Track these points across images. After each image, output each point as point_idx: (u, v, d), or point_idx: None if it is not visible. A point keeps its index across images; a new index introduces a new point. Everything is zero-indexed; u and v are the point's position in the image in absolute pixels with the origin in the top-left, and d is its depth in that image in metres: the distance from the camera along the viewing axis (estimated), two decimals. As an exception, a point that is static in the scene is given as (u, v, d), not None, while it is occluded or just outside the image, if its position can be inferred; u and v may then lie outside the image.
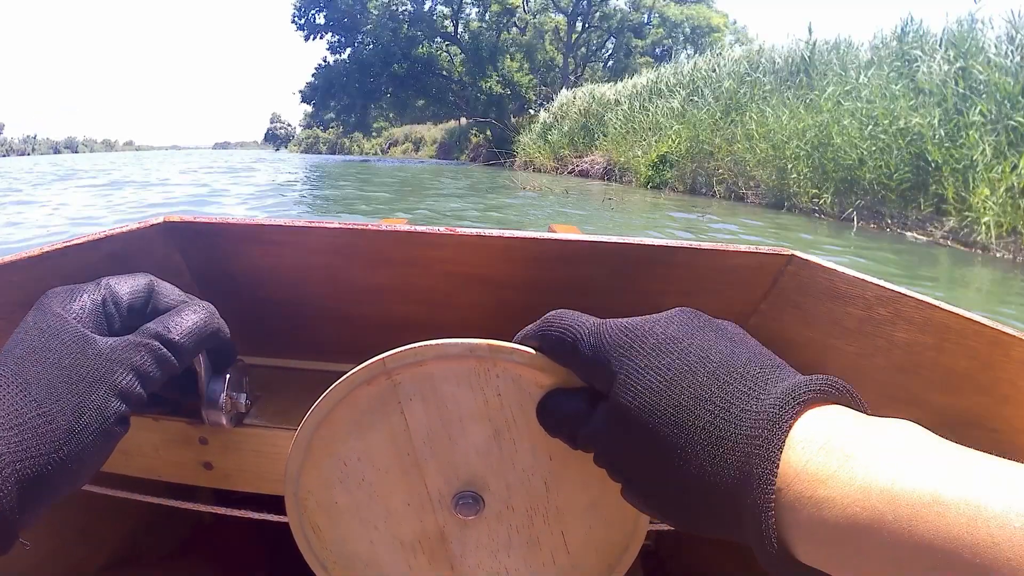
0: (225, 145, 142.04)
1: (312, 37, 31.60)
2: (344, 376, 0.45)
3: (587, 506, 0.48)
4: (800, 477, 0.31)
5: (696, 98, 13.11)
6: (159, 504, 0.64)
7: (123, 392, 0.42)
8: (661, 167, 12.66)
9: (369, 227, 0.55)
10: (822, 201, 8.52)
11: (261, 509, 0.63)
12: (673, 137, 12.63)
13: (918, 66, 8.13)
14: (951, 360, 0.46)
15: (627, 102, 16.16)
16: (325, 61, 32.37)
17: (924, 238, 7.05)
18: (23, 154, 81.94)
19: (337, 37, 31.76)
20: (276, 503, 0.53)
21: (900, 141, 7.49)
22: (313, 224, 0.56)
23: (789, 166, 9.19)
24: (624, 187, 13.14)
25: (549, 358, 0.44)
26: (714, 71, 13.38)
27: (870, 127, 7.97)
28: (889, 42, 9.49)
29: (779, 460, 0.32)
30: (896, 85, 8.11)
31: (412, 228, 0.55)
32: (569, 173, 17.21)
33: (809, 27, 11.37)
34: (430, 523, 0.48)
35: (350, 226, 0.55)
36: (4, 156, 72.75)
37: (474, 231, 0.55)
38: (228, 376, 0.56)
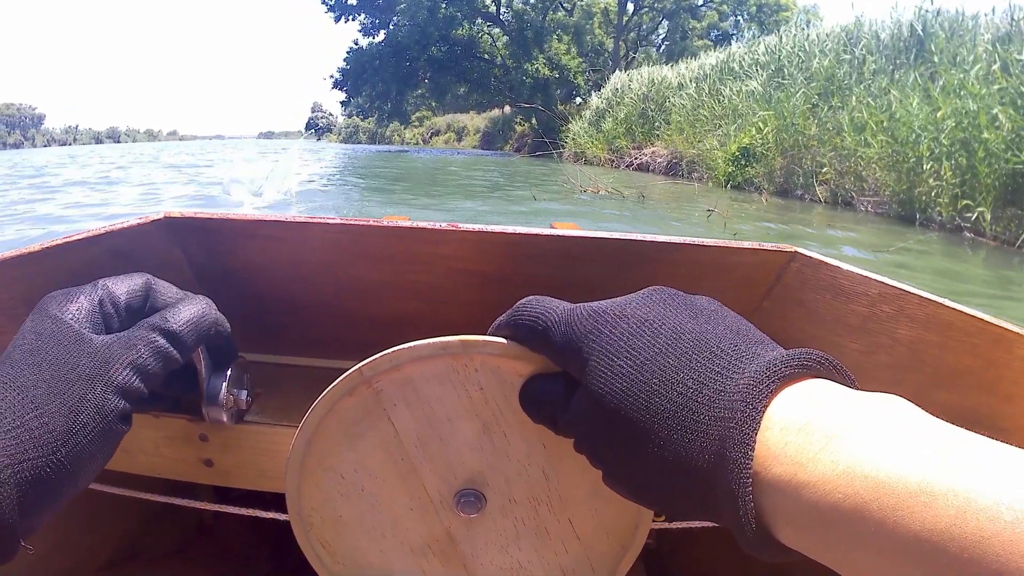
0: (269, 135, 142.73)
1: (343, 18, 29.79)
2: (325, 391, 0.45)
3: (590, 490, 0.47)
4: (779, 460, 0.30)
5: (781, 79, 11.06)
6: (160, 502, 0.64)
7: (122, 388, 0.42)
8: (743, 162, 10.52)
9: (371, 223, 0.55)
10: (975, 217, 6.43)
11: (262, 506, 0.62)
12: (759, 125, 10.47)
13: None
14: (954, 358, 0.47)
15: (693, 85, 14.09)
16: (356, 44, 30.39)
17: None
18: (64, 144, 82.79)
19: (369, 18, 29.82)
20: (277, 500, 0.54)
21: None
22: (314, 220, 0.55)
23: (926, 166, 7.10)
24: (695, 185, 10.93)
25: (523, 346, 0.43)
26: (803, 47, 11.31)
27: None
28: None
29: (754, 442, 0.31)
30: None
31: (414, 224, 0.54)
32: (627, 167, 15.06)
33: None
34: (436, 525, 0.48)
35: (351, 222, 0.55)
36: (45, 146, 73.51)
37: (476, 227, 0.54)
38: (229, 372, 0.56)
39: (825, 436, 0.29)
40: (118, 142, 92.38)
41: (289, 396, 0.66)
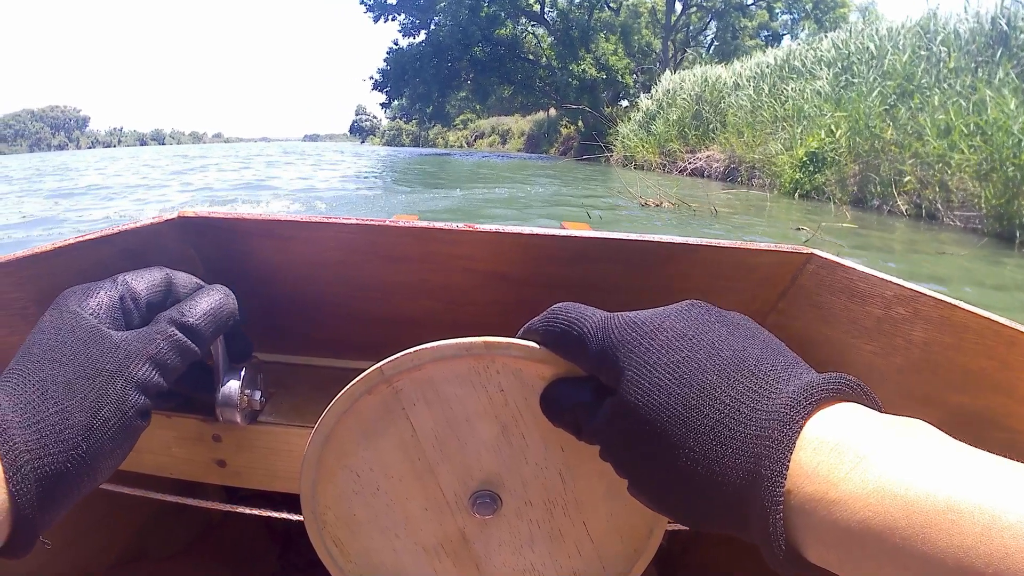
0: (315, 137, 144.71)
1: (381, 19, 29.28)
2: (344, 388, 0.45)
3: (606, 494, 0.48)
4: (811, 479, 0.31)
5: (851, 77, 10.22)
6: (171, 501, 0.64)
7: (142, 384, 0.42)
8: (811, 168, 9.68)
9: (386, 223, 0.55)
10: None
11: (271, 506, 0.62)
12: (832, 127, 9.62)
13: None
14: (969, 360, 0.47)
15: (751, 84, 13.26)
16: (396, 44, 29.74)
17: None
18: (108, 145, 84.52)
19: (409, 18, 29.20)
20: (288, 501, 0.54)
21: None
22: (329, 219, 0.55)
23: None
24: (767, 195, 10.09)
25: (554, 352, 0.43)
26: (875, 42, 10.45)
27: None
28: None
29: (789, 461, 0.32)
30: None
31: (430, 224, 0.54)
32: (680, 172, 14.28)
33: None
34: (450, 526, 0.48)
35: (366, 222, 0.54)
36: (90, 148, 75.21)
37: (492, 227, 0.54)
38: (243, 373, 0.55)
39: (856, 456, 0.29)
40: (163, 144, 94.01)
41: (302, 396, 0.65)
